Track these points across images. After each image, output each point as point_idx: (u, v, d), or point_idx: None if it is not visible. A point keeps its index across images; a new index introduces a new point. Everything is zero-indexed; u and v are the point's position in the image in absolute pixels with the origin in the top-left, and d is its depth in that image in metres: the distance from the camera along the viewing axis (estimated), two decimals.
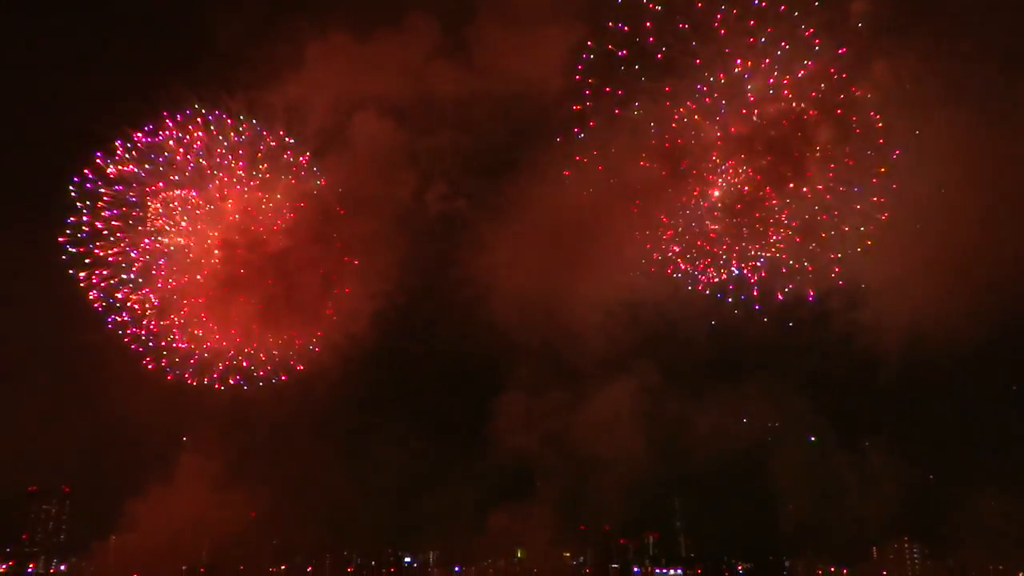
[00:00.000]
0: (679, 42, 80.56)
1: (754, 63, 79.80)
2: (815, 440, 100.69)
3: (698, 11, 78.91)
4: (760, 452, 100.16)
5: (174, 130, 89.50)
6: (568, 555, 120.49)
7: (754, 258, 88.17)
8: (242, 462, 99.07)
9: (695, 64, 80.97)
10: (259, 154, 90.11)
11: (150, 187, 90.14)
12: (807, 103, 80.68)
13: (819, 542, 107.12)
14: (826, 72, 78.77)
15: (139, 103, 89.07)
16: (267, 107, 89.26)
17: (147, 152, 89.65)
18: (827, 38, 77.51)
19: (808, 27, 77.38)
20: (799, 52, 78.70)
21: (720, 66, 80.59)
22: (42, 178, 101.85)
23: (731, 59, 79.92)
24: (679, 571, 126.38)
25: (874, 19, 76.59)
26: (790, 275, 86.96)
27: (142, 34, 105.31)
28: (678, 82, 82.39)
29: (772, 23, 77.62)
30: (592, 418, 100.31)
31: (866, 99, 78.63)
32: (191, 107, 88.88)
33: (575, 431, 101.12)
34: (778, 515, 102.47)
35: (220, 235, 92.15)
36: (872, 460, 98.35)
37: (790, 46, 78.38)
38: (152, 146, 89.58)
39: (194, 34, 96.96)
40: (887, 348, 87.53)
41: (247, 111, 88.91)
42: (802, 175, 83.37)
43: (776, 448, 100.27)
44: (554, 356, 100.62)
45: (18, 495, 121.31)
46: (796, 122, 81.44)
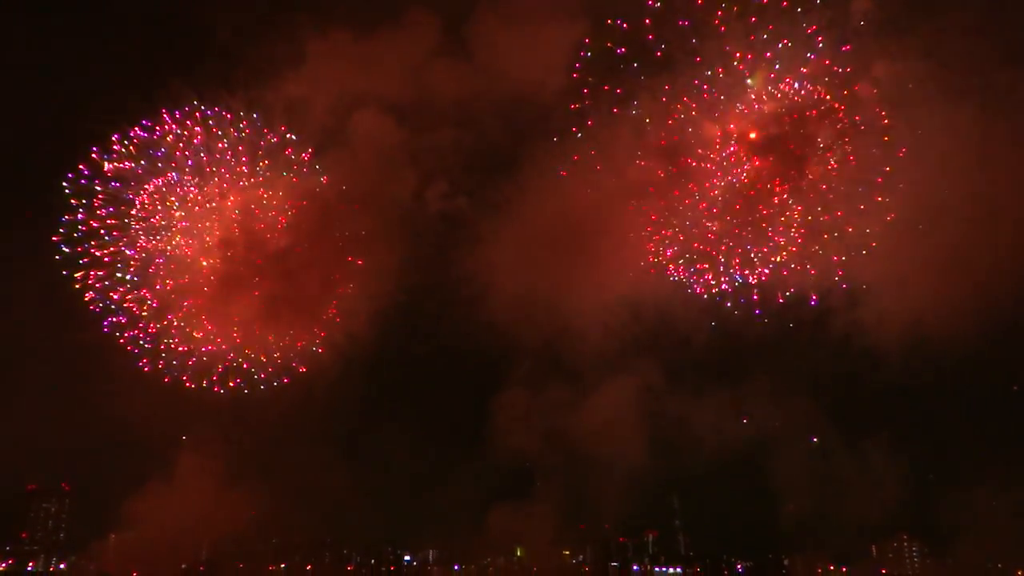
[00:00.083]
0: (679, 39, 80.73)
1: (755, 60, 79.86)
2: (816, 441, 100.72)
3: (698, 8, 79.01)
4: (760, 451, 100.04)
5: (173, 124, 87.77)
6: (568, 553, 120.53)
7: (755, 261, 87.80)
8: (242, 461, 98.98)
9: (695, 62, 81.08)
10: (259, 151, 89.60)
11: (148, 184, 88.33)
12: (808, 101, 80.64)
13: (818, 540, 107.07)
14: (827, 70, 78.77)
15: (137, 101, 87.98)
16: (267, 105, 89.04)
17: (145, 148, 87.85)
18: (828, 36, 77.63)
19: (809, 25, 77.51)
20: (800, 50, 78.75)
21: (720, 63, 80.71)
22: (36, 175, 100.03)
23: (731, 56, 79.97)
24: (678, 570, 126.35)
25: (875, 17, 76.87)
26: (792, 278, 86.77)
27: (141, 31, 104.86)
28: (678, 80, 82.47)
29: (773, 20, 77.83)
30: (592, 417, 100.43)
31: (868, 97, 78.69)
32: (190, 104, 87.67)
33: (575, 430, 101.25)
34: (777, 514, 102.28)
35: (220, 234, 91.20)
36: (872, 459, 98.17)
37: (791, 44, 78.35)
38: (150, 142, 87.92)
39: (193, 32, 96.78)
40: (887, 347, 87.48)
41: (247, 109, 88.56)
42: (804, 174, 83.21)
43: (776, 447, 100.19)
44: (554, 355, 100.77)
45: (18, 494, 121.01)
46: (797, 120, 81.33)
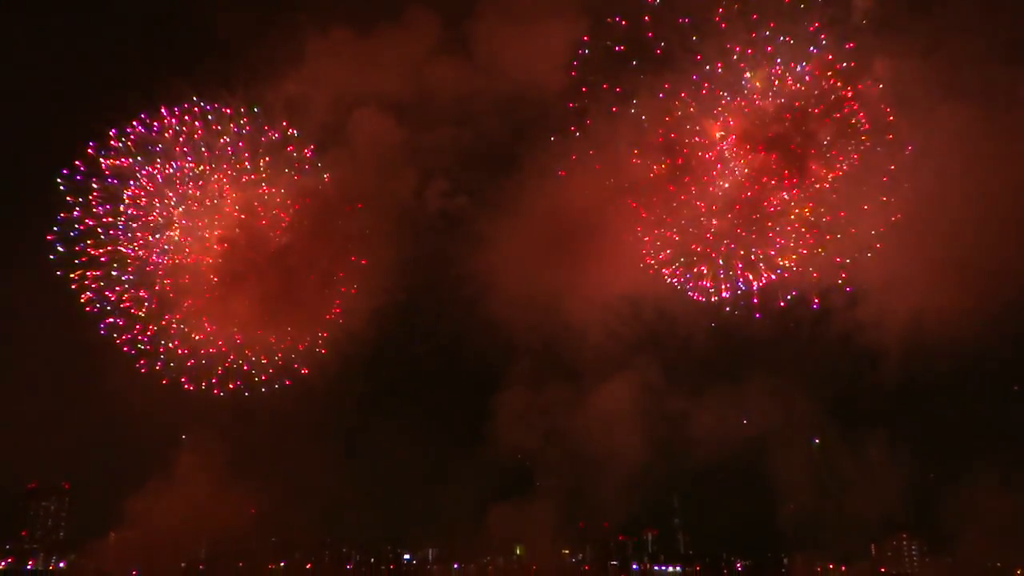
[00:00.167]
0: (679, 37, 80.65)
1: (755, 58, 79.74)
2: (818, 443, 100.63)
3: (698, 6, 78.93)
4: (759, 450, 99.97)
5: (171, 118, 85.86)
6: (567, 552, 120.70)
7: (756, 263, 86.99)
8: (241, 459, 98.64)
9: (695, 59, 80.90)
10: (260, 149, 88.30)
11: (146, 181, 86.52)
12: (810, 99, 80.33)
13: (818, 539, 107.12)
14: (828, 68, 78.57)
15: (136, 99, 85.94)
16: (267, 104, 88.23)
17: (143, 144, 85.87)
18: (829, 34, 77.56)
19: (810, 23, 77.38)
20: (801, 47, 78.65)
21: (721, 61, 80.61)
22: (31, 173, 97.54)
23: (732, 54, 79.86)
24: (678, 568, 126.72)
25: (876, 15, 76.84)
26: (793, 279, 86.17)
27: (140, 30, 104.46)
28: (678, 78, 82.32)
29: (773, 18, 77.71)
30: (591, 415, 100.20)
31: (870, 95, 78.37)
32: (189, 101, 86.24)
33: (575, 429, 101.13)
34: (777, 513, 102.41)
35: (220, 232, 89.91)
36: (871, 458, 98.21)
37: (792, 41, 78.24)
38: (148, 138, 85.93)
39: (192, 30, 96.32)
40: (887, 345, 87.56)
41: (247, 106, 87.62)
42: (805, 173, 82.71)
43: (775, 445, 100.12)
44: (554, 353, 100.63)
45: (17, 492, 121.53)
46: (798, 118, 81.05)
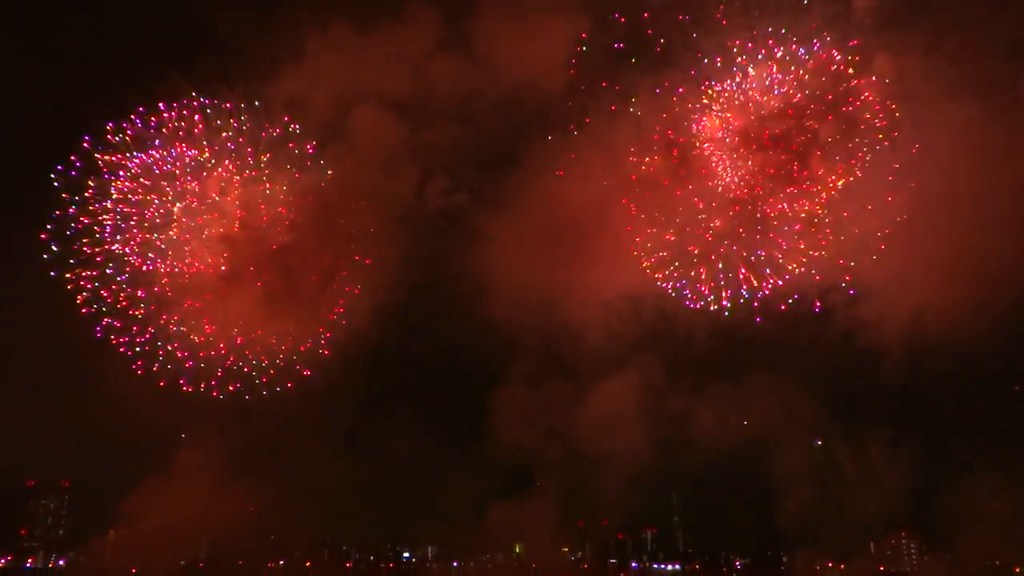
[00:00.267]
0: (679, 35, 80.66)
1: (756, 55, 79.70)
2: (820, 444, 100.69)
3: (699, 2, 78.80)
4: (759, 448, 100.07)
5: (170, 112, 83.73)
6: (566, 550, 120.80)
7: (758, 267, 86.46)
8: (241, 457, 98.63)
9: (696, 57, 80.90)
10: (260, 145, 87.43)
11: (144, 178, 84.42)
12: (811, 97, 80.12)
13: (817, 538, 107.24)
14: (830, 65, 78.55)
15: (134, 94, 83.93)
16: (267, 100, 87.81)
17: (141, 139, 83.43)
18: (830, 31, 77.51)
19: (811, 21, 77.40)
20: (802, 45, 78.40)
21: (721, 59, 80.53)
22: (25, 170, 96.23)
23: (732, 51, 79.79)
24: (677, 566, 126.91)
25: (877, 13, 76.81)
26: (794, 281, 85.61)
27: (138, 25, 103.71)
28: (678, 75, 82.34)
29: (774, 16, 77.66)
30: (591, 414, 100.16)
31: (871, 93, 78.29)
32: (188, 97, 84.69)
33: (574, 427, 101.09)
34: (776, 511, 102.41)
35: (220, 230, 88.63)
36: (871, 456, 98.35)
37: (794, 38, 78.16)
38: (146, 133, 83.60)
39: (191, 26, 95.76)
40: (888, 343, 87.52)
41: (247, 102, 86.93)
42: (807, 172, 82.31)
43: (775, 444, 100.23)
44: (554, 352, 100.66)
45: (17, 490, 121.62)
46: (800, 116, 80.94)
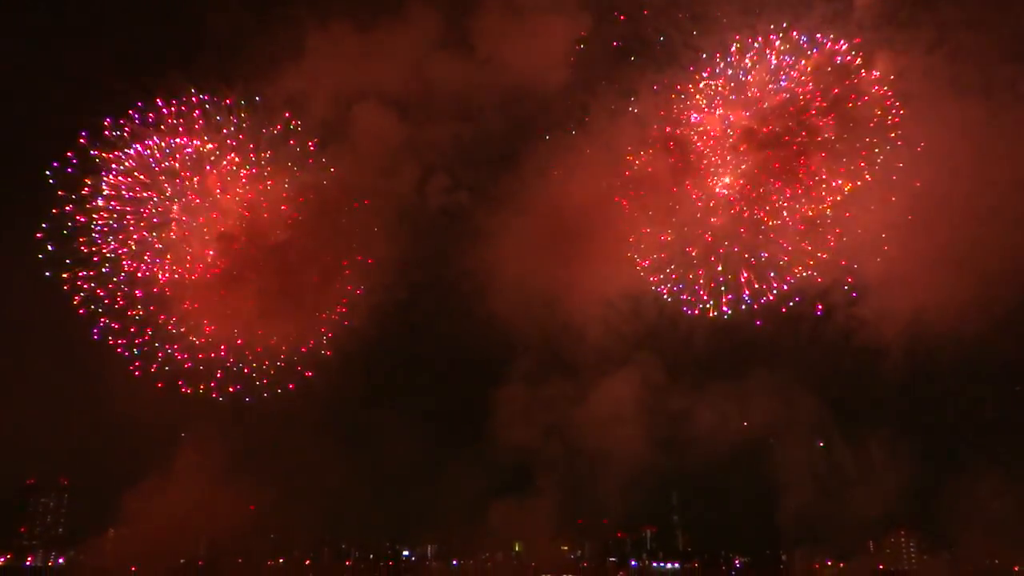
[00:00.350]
0: (679, 33, 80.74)
1: (757, 52, 79.70)
2: (823, 446, 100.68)
3: (699, 1, 79.15)
4: (758, 446, 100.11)
5: (168, 108, 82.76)
6: (566, 549, 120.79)
7: (761, 270, 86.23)
8: (241, 456, 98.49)
9: (696, 54, 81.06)
10: (261, 142, 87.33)
11: (142, 175, 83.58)
12: (812, 96, 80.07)
13: (816, 536, 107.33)
14: (831, 63, 78.53)
15: (132, 90, 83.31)
16: (267, 99, 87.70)
17: (139, 136, 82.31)
18: (832, 29, 77.54)
19: (812, 19, 77.47)
20: (803, 43, 78.51)
21: (722, 56, 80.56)
22: (20, 166, 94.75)
23: (733, 49, 79.88)
24: (676, 565, 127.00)
25: (878, 11, 76.83)
26: (796, 286, 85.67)
27: (136, 22, 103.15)
28: (678, 73, 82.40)
29: (775, 13, 77.82)
30: (591, 412, 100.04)
31: (873, 92, 78.26)
32: (187, 94, 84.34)
33: (574, 425, 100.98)
34: (776, 509, 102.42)
35: (222, 228, 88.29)
36: (871, 454, 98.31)
37: (796, 35, 78.27)
38: (144, 130, 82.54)
39: (191, 24, 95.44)
40: (888, 341, 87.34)
41: (247, 101, 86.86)
42: (808, 171, 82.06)
43: (775, 443, 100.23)
44: (554, 350, 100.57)
45: (16, 488, 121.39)
46: (801, 113, 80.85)
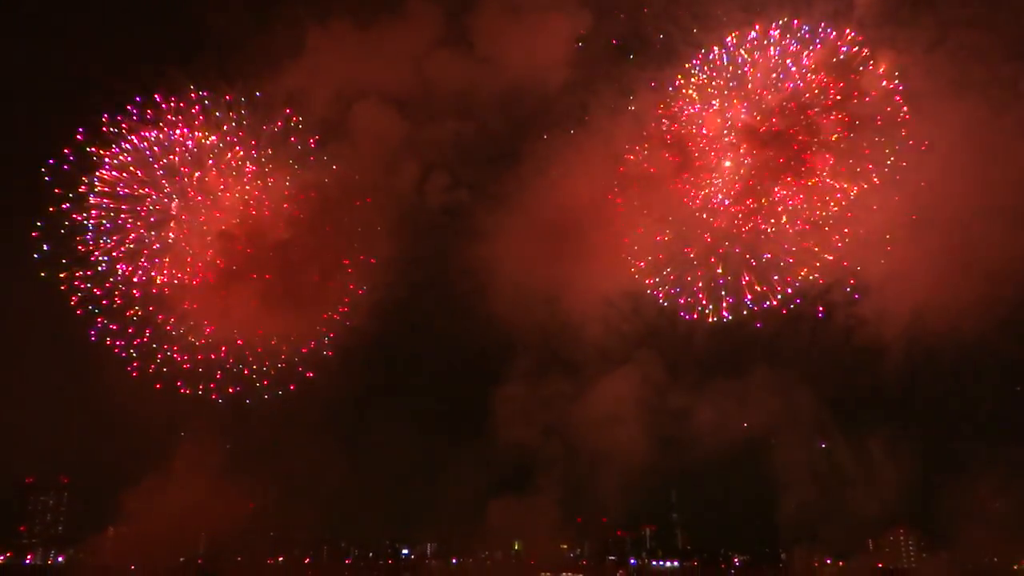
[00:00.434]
0: (680, 31, 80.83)
1: (757, 50, 79.71)
2: (825, 447, 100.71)
3: None
4: (758, 445, 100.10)
5: (167, 104, 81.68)
6: (565, 547, 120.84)
7: (759, 270, 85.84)
8: (240, 454, 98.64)
9: (696, 52, 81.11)
10: (261, 139, 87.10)
11: (140, 171, 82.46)
12: (813, 93, 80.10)
13: (816, 534, 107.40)
14: (832, 61, 78.54)
15: (131, 86, 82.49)
16: (267, 96, 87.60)
17: (137, 132, 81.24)
18: (833, 27, 77.58)
19: (813, 16, 77.49)
20: (804, 41, 78.52)
21: (722, 54, 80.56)
22: (15, 163, 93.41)
23: (733, 47, 79.85)
24: (676, 563, 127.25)
25: (879, 10, 76.83)
26: (798, 288, 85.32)
27: (136, 21, 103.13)
28: (678, 71, 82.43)
29: (776, 11, 77.92)
30: (591, 411, 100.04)
31: (876, 90, 78.25)
32: (187, 91, 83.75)
33: (574, 424, 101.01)
34: (775, 508, 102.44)
35: (220, 227, 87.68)
36: (870, 453, 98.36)
37: (797, 32, 78.26)
38: (142, 127, 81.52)
39: (190, 22, 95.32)
40: (888, 340, 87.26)
41: (247, 99, 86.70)
42: (809, 169, 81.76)
43: (774, 441, 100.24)
44: (554, 348, 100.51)
45: (16, 486, 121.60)
46: (801, 112, 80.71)
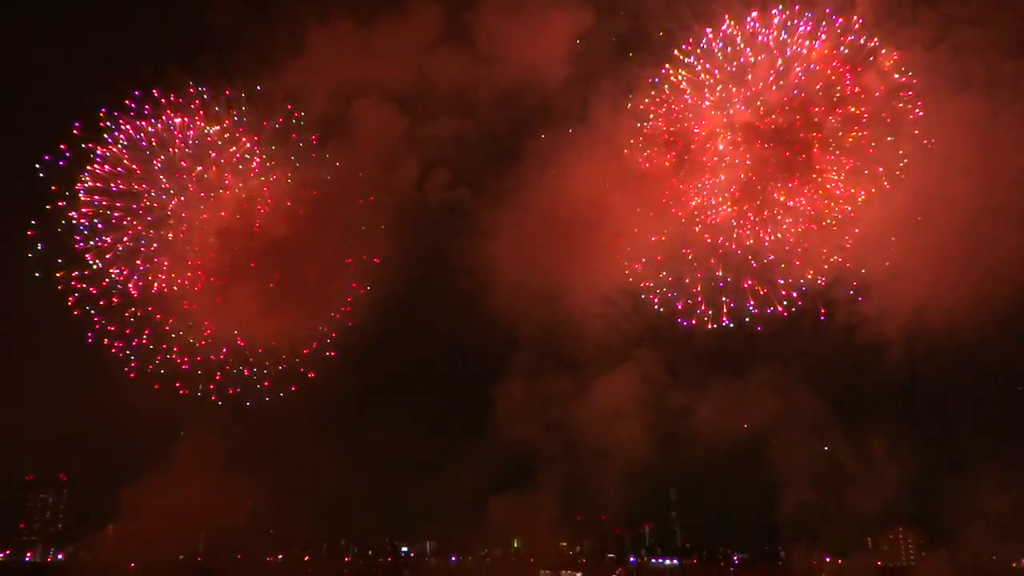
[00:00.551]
0: (681, 28, 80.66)
1: (759, 47, 79.52)
2: (827, 448, 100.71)
3: None
4: (757, 443, 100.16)
5: (165, 99, 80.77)
6: (565, 545, 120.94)
7: (758, 271, 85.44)
8: (240, 452, 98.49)
9: (697, 49, 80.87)
10: (261, 135, 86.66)
11: (138, 167, 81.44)
12: (815, 91, 79.74)
13: (815, 532, 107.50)
14: (833, 58, 78.32)
15: (129, 83, 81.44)
16: (267, 94, 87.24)
17: (136, 126, 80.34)
18: (834, 25, 77.28)
19: (814, 14, 77.21)
20: (806, 37, 78.14)
21: (723, 51, 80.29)
22: (11, 159, 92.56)
23: (734, 44, 79.62)
24: (675, 561, 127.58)
25: (880, 7, 76.62)
26: (799, 288, 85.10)
27: (135, 18, 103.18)
28: (679, 68, 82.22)
29: (776, 9, 77.68)
30: (591, 408, 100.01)
31: (876, 87, 77.96)
32: (186, 87, 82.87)
33: (574, 421, 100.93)
34: (775, 506, 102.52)
35: (219, 225, 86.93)
36: (870, 451, 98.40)
37: (797, 30, 77.95)
38: (141, 125, 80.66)
39: (190, 19, 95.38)
40: (889, 338, 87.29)
41: (247, 95, 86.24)
42: (811, 168, 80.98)
43: (774, 439, 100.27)
44: (554, 346, 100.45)
45: (16, 484, 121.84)
46: (804, 109, 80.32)
